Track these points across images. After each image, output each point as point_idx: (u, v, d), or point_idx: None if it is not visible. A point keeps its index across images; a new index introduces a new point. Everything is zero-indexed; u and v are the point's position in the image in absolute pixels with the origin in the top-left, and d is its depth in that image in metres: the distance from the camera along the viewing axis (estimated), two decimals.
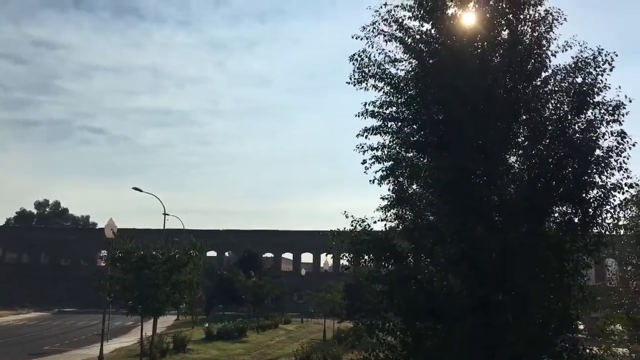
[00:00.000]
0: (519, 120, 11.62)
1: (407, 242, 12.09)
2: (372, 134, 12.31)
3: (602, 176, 10.89)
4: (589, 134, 11.09)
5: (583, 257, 11.06)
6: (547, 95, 11.46)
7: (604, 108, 11.01)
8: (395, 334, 11.24)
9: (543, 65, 11.55)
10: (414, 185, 12.37)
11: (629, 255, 19.44)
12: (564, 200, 11.12)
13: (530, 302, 10.65)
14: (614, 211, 10.85)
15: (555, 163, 11.14)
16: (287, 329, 50.87)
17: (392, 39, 12.25)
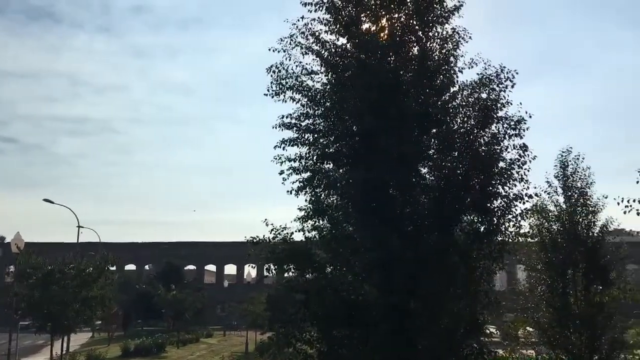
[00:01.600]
0: (429, 133, 12.07)
1: (325, 252, 12.24)
2: (289, 146, 12.42)
3: (505, 187, 11.52)
4: (494, 147, 11.69)
5: (488, 264, 11.61)
6: (455, 110, 11.99)
7: (506, 123, 11.65)
8: (312, 344, 11.32)
9: (451, 81, 12.08)
10: (330, 196, 12.55)
11: (534, 261, 20.53)
12: (471, 210, 11.64)
13: (440, 308, 11.05)
14: (515, 220, 11.49)
15: (463, 174, 11.64)
16: (209, 343, 49.87)
17: (309, 51, 12.43)
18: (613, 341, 19.16)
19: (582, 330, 18.99)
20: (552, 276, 19.61)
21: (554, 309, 19.29)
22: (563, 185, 19.89)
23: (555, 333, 19.25)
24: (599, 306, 18.55)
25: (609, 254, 20.00)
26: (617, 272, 20.19)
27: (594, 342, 18.97)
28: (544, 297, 19.87)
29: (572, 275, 19.57)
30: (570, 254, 19.37)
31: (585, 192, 19.71)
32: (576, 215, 19.66)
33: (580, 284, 19.34)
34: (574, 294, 19.43)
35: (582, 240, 19.50)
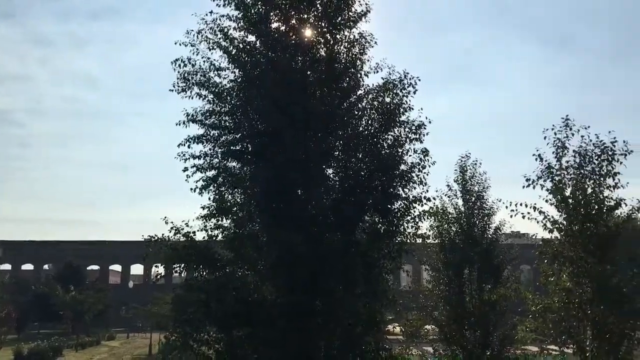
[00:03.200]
0: (335, 134, 12.25)
1: (228, 251, 12.11)
2: (194, 143, 12.19)
3: (405, 189, 11.92)
4: (396, 150, 12.06)
5: (387, 264, 11.96)
6: (360, 112, 12.26)
7: (408, 127, 12.07)
8: (210, 344, 11.15)
9: (357, 84, 12.35)
10: (235, 195, 12.44)
11: (435, 261, 21.39)
12: (373, 211, 11.95)
13: (341, 306, 11.24)
14: (414, 221, 11.92)
15: (366, 176, 11.93)
16: (111, 346, 47.92)
17: (217, 47, 12.26)
18: (504, 337, 20.32)
19: (476, 327, 20.02)
20: (450, 275, 20.53)
21: (451, 306, 20.20)
22: (462, 188, 20.89)
23: (452, 330, 20.16)
24: (492, 304, 19.64)
25: (502, 255, 21.25)
26: (509, 272, 21.50)
27: (486, 338, 20.04)
28: (442, 295, 20.75)
29: (468, 275, 20.58)
30: (467, 254, 20.36)
31: (482, 195, 20.81)
32: (473, 217, 20.70)
33: (475, 283, 20.39)
34: (469, 293, 20.44)
35: (478, 242, 20.56)
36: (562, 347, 12.81)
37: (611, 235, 12.18)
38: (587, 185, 12.44)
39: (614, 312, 11.77)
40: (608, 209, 12.32)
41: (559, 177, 12.73)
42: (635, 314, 12.00)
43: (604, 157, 12.23)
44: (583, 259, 12.14)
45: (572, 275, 12.48)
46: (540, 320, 12.94)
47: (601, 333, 11.81)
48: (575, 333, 12.43)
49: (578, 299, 12.19)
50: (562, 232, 12.72)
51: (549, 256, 13.06)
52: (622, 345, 11.87)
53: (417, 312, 21.70)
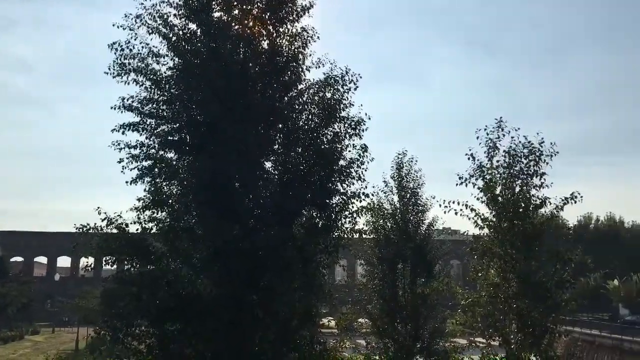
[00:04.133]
0: (275, 127, 12.20)
1: (163, 244, 11.84)
2: (130, 130, 11.81)
3: (344, 184, 12.03)
4: (335, 146, 12.14)
5: (324, 258, 12.05)
6: (301, 107, 12.25)
7: (348, 123, 12.17)
8: (141, 339, 10.88)
9: (299, 78, 12.32)
10: (171, 186, 12.16)
11: (370, 256, 21.75)
12: (311, 205, 11.99)
13: (277, 300, 11.23)
14: (352, 216, 12.06)
15: (306, 170, 11.95)
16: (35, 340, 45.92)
17: (156, 33, 11.92)
18: (434, 330, 20.94)
19: (407, 320, 20.53)
20: (384, 270, 20.94)
21: (385, 300, 20.61)
22: (398, 185, 21.32)
23: (384, 323, 20.58)
24: (423, 298, 20.19)
25: (434, 250, 21.88)
26: (440, 267, 22.18)
27: (417, 331, 20.59)
28: (376, 289, 21.13)
29: (401, 269, 21.06)
30: (401, 250, 20.82)
31: (416, 192, 21.32)
32: (408, 213, 21.19)
33: (408, 278, 20.90)
34: (402, 287, 20.93)
35: (412, 237, 21.07)
36: (489, 340, 13.32)
37: (536, 233, 12.78)
38: (515, 184, 12.99)
39: (538, 306, 12.36)
40: (534, 207, 12.92)
41: (490, 176, 13.23)
42: (557, 308, 12.65)
43: (532, 158, 12.80)
44: (510, 255, 12.68)
45: (499, 270, 13.00)
46: (469, 314, 13.43)
47: (525, 326, 12.38)
48: (501, 326, 12.97)
49: (504, 294, 12.72)
50: (491, 229, 13.23)
51: (479, 252, 13.56)
52: (545, 338, 12.49)
53: (351, 306, 22.01)
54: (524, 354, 12.45)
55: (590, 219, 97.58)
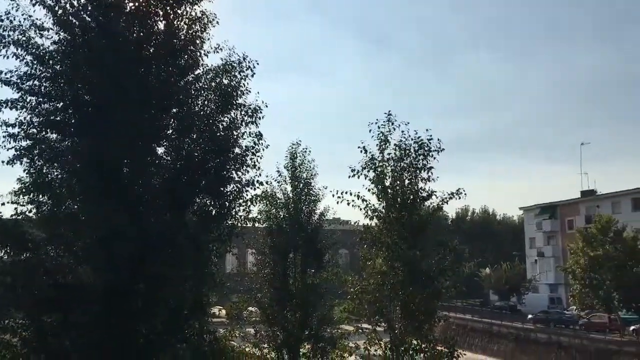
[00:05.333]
0: (169, 112, 11.82)
1: (43, 231, 11.09)
2: (7, 107, 10.89)
3: (239, 172, 11.94)
4: (231, 133, 12.01)
5: (217, 247, 11.91)
6: (198, 92, 11.96)
7: (244, 110, 12.07)
8: (16, 331, 10.13)
9: (196, 63, 11.99)
10: (54, 169, 11.39)
11: (262, 245, 21.81)
12: (205, 193, 11.78)
13: (165, 289, 10.94)
14: (246, 205, 12.01)
15: (200, 157, 11.71)
16: None
17: (41, 4, 11.04)
18: (322, 318, 21.47)
19: (297, 308, 20.86)
20: (275, 259, 21.10)
21: (275, 289, 20.79)
22: (291, 175, 21.52)
23: (274, 312, 20.78)
24: (313, 286, 20.61)
25: (325, 240, 22.38)
26: (330, 256, 22.74)
27: (306, 319, 21.00)
28: (267, 278, 21.26)
29: (292, 258, 21.33)
30: (292, 239, 21.08)
31: (309, 182, 21.66)
32: (300, 203, 21.47)
33: (299, 267, 21.22)
34: (293, 276, 21.22)
35: (304, 227, 21.39)
36: (374, 326, 13.89)
37: (422, 224, 13.50)
38: (405, 177, 13.61)
39: (421, 293, 13.10)
40: (421, 200, 13.63)
41: (381, 168, 13.75)
42: (439, 295, 13.49)
43: (421, 152, 13.48)
44: (397, 244, 13.29)
45: (387, 259, 13.59)
46: (357, 301, 13.91)
47: (409, 312, 13.07)
48: (387, 312, 13.57)
49: (391, 282, 13.32)
50: (380, 219, 13.77)
51: (368, 241, 14.07)
52: (427, 322, 13.27)
53: (241, 295, 21.96)
54: (407, 339, 13.13)
55: (467, 211, 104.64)
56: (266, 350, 21.07)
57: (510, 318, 57.85)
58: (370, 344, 13.53)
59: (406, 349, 13.10)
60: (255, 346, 20.76)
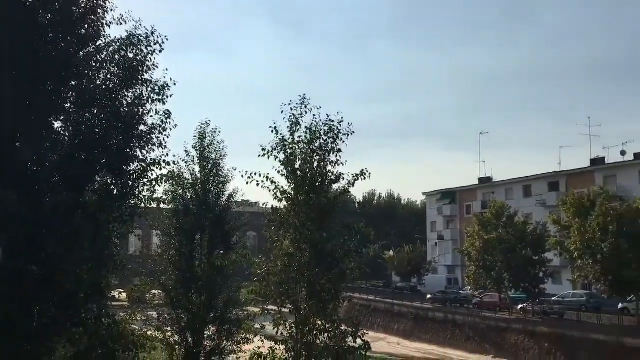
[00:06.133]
0: (67, 85, 11.13)
1: None
2: None
3: (144, 151, 11.50)
4: (136, 109, 11.51)
5: (119, 227, 11.44)
6: (99, 65, 11.34)
7: (151, 86, 11.60)
8: None
9: (97, 33, 11.35)
10: None
11: (167, 227, 21.24)
12: (106, 171, 11.25)
13: (61, 271, 10.37)
14: (150, 185, 11.60)
15: (101, 134, 11.14)
16: None
17: None
18: (228, 300, 21.34)
19: (202, 290, 20.58)
20: (181, 241, 20.64)
21: (180, 271, 20.37)
22: (200, 155, 21.06)
23: (179, 294, 20.38)
24: (220, 269, 20.37)
25: (233, 222, 22.18)
26: (238, 238, 22.59)
27: (212, 301, 20.78)
28: (172, 260, 20.77)
29: (199, 240, 20.97)
30: (200, 220, 20.70)
31: (218, 163, 21.31)
32: (208, 184, 21.10)
33: (206, 248, 20.90)
34: (199, 258, 20.87)
35: (212, 208, 21.06)
36: (281, 307, 13.97)
37: (330, 206, 13.68)
38: (314, 160, 13.70)
39: (327, 274, 13.31)
40: (329, 182, 13.79)
41: (291, 150, 13.74)
42: (343, 276, 13.77)
43: (331, 135, 13.59)
44: (305, 226, 13.39)
45: (294, 241, 13.66)
46: (264, 283, 13.91)
47: (315, 293, 13.25)
48: (293, 293, 13.68)
49: (298, 263, 13.42)
50: (289, 201, 13.80)
51: (277, 223, 14.08)
52: (331, 303, 13.52)
53: (144, 278, 21.33)
54: (311, 319, 13.32)
55: (373, 195, 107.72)
56: (169, 333, 20.67)
57: (411, 298, 60.42)
58: (276, 324, 13.60)
59: (310, 329, 13.30)
60: (158, 329, 20.29)
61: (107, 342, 11.26)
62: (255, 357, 13.62)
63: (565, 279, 53.82)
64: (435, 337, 51.87)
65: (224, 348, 21.06)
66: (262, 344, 14.53)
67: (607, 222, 38.37)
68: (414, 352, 48.73)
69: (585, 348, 38.86)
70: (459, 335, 49.79)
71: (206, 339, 20.99)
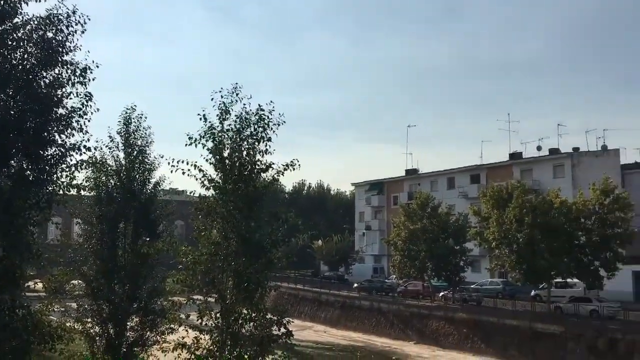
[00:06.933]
0: None
1: None
2: None
3: (62, 135, 11.03)
4: (54, 91, 11.01)
5: (34, 214, 10.94)
6: (15, 44, 10.73)
7: (71, 68, 11.11)
8: None
9: (14, 10, 10.73)
10: None
11: (89, 214, 20.45)
12: (21, 155, 10.72)
13: None
14: (69, 171, 11.14)
15: (17, 116, 10.59)
16: None
17: None
18: (152, 290, 20.83)
19: (125, 280, 20.00)
20: (103, 229, 19.94)
21: (102, 261, 19.70)
22: (125, 141, 20.37)
23: (100, 285, 19.70)
24: (144, 258, 19.83)
25: (159, 210, 21.64)
26: (164, 227, 22.07)
27: (135, 291, 20.23)
28: (93, 249, 20.03)
29: (123, 229, 20.33)
30: (124, 208, 20.06)
31: (144, 150, 20.67)
32: (134, 171, 20.45)
33: (130, 237, 20.29)
34: (122, 247, 20.24)
35: (137, 196, 20.45)
36: (206, 297, 13.84)
37: (258, 195, 13.64)
38: (243, 149, 13.60)
39: (254, 263, 13.29)
40: (258, 171, 13.73)
41: (220, 138, 13.57)
42: (270, 265, 13.79)
43: (261, 124, 13.51)
44: (233, 215, 13.31)
45: (221, 230, 13.54)
46: (190, 272, 13.70)
47: (241, 282, 13.20)
48: (219, 282, 13.58)
49: (224, 252, 13.33)
50: (217, 190, 13.65)
51: (204, 212, 13.89)
52: (257, 292, 13.52)
53: (63, 267, 20.45)
54: (237, 308, 13.29)
55: (303, 185, 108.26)
56: (90, 325, 19.98)
57: (338, 287, 61.44)
58: (201, 314, 13.46)
59: (236, 319, 13.26)
60: (77, 321, 19.55)
61: (21, 333, 10.77)
62: (179, 347, 13.45)
63: (483, 267, 56.45)
64: (361, 324, 53.06)
65: (148, 339, 20.58)
66: (187, 333, 14.35)
67: (523, 213, 40.44)
68: (340, 340, 49.66)
69: (500, 333, 41.02)
70: (384, 322, 51.19)
71: (129, 330, 20.44)
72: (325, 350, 46.06)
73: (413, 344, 46.07)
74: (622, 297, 44.15)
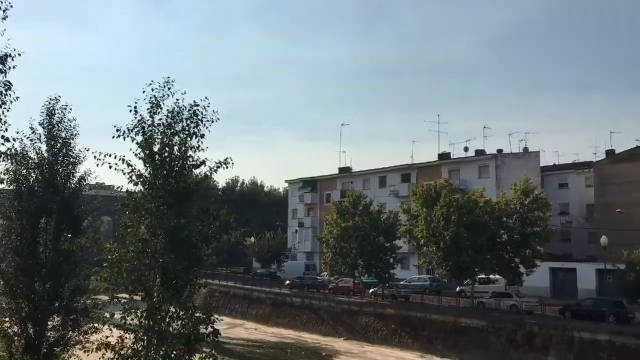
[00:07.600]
0: None
1: None
2: None
3: None
4: None
5: None
6: None
7: None
8: None
9: None
10: None
11: (8, 209, 19.48)
12: None
13: None
14: None
15: None
16: None
17: None
18: (76, 288, 20.09)
19: (46, 278, 19.20)
20: (23, 225, 19.04)
21: (22, 257, 18.81)
22: (48, 133, 19.52)
23: (19, 282, 18.81)
24: (67, 255, 19.07)
25: (84, 205, 20.88)
26: (89, 222, 21.31)
27: (57, 289, 19.45)
28: (12, 246, 19.11)
29: (44, 224, 19.49)
30: (45, 203, 19.24)
31: (68, 142, 19.89)
32: (57, 164, 19.64)
33: (52, 233, 19.47)
34: (44, 243, 19.41)
35: (60, 190, 19.66)
36: (132, 295, 13.47)
37: (189, 192, 13.40)
38: (174, 144, 13.31)
39: (182, 260, 13.05)
40: (190, 167, 13.49)
41: (150, 133, 13.22)
42: (200, 262, 13.59)
43: (194, 120, 13.27)
44: (161, 211, 13.01)
45: (149, 226, 13.21)
46: (115, 269, 13.28)
47: (169, 280, 12.93)
48: (146, 280, 13.25)
49: (152, 249, 13.01)
50: (146, 185, 13.31)
51: (131, 208, 13.50)
52: (186, 289, 13.29)
53: None
54: (164, 306, 13.01)
55: (237, 182, 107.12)
56: (7, 324, 19.04)
57: (270, 284, 61.36)
58: (125, 314, 13.07)
59: (163, 317, 12.99)
60: None
61: None
62: (102, 347, 13.03)
63: (412, 264, 58.05)
64: (292, 321, 53.22)
65: (70, 339, 19.85)
66: (111, 333, 13.92)
67: (450, 212, 41.90)
68: (271, 337, 49.63)
69: (426, 328, 42.30)
70: (315, 319, 51.59)
71: (50, 330, 19.63)
72: (256, 348, 45.90)
73: (343, 339, 46.70)
74: (540, 292, 46.65)
